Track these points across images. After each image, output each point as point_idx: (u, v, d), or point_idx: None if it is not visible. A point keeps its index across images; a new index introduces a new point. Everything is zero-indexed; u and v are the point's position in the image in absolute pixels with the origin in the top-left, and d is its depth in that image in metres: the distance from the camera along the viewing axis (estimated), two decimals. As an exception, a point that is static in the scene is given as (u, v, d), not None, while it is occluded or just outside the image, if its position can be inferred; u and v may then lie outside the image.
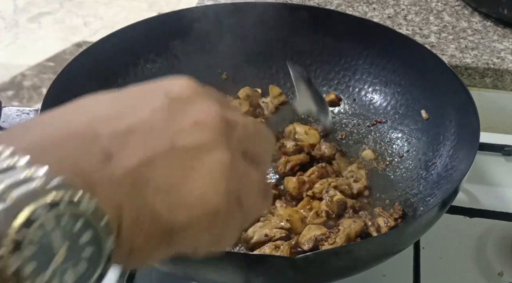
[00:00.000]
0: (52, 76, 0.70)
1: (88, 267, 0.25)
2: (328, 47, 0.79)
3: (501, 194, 0.74)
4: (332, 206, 0.64)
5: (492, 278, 0.63)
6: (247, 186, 0.32)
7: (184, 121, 0.30)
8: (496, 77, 0.86)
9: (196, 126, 0.30)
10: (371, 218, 0.64)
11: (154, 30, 0.76)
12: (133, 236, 0.28)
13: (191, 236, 0.30)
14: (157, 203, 0.28)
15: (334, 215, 0.64)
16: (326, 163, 0.70)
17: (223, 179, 0.30)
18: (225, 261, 0.48)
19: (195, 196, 0.29)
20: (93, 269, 0.25)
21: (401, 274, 0.63)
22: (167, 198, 0.28)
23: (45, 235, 0.23)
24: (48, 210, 0.23)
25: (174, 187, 0.29)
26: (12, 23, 2.74)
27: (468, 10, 0.98)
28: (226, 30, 0.78)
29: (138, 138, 0.28)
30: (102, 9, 2.86)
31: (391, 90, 0.76)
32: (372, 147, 0.74)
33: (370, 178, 0.70)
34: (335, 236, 0.60)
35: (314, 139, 0.74)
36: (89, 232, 0.25)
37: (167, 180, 0.28)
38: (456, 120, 0.67)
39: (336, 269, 0.52)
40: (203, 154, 0.30)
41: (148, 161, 0.28)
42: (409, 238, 0.55)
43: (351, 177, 0.69)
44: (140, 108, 0.30)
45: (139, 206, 0.28)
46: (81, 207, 0.24)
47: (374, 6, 0.99)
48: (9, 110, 0.62)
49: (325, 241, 0.60)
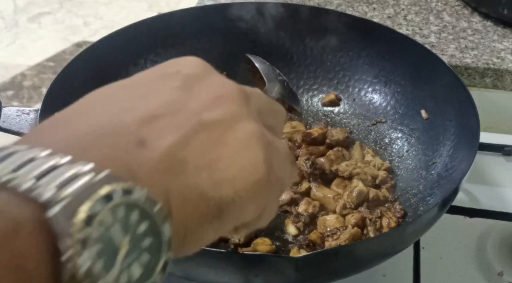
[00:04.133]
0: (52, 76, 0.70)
1: (151, 258, 0.25)
2: (328, 47, 0.79)
3: (501, 194, 0.74)
4: (352, 197, 0.65)
5: (492, 278, 0.63)
6: (276, 153, 0.32)
7: (204, 96, 0.30)
8: (496, 77, 0.86)
9: (218, 100, 0.30)
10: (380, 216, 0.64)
11: (154, 30, 0.76)
12: (185, 217, 0.27)
13: (238, 209, 0.29)
14: (200, 180, 0.28)
15: (353, 205, 0.65)
16: (342, 148, 0.72)
17: (258, 148, 0.30)
18: (225, 261, 0.48)
19: (236, 168, 0.29)
20: (156, 260, 0.25)
21: (401, 274, 0.63)
22: (209, 174, 0.28)
23: (107, 230, 0.23)
24: (105, 204, 0.23)
25: (213, 163, 0.28)
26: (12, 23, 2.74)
27: (468, 10, 0.98)
28: (226, 30, 0.78)
29: (164, 121, 0.28)
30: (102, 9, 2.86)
31: (391, 90, 0.76)
32: (372, 147, 0.74)
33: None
34: (341, 233, 0.60)
35: (301, 127, 0.76)
36: (146, 222, 0.24)
37: (204, 156, 0.28)
38: (456, 120, 0.67)
39: (336, 269, 0.52)
40: (232, 126, 0.30)
41: (181, 141, 0.28)
42: (409, 238, 0.55)
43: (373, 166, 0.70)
44: (157, 91, 0.30)
45: (184, 186, 0.27)
46: (133, 197, 0.24)
47: (374, 6, 0.99)
48: (9, 110, 0.62)
49: (330, 237, 0.60)
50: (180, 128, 0.28)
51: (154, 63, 0.77)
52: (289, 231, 0.64)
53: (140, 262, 0.24)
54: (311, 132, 0.74)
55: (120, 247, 0.23)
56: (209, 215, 0.28)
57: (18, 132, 0.61)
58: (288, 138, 0.74)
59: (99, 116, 0.28)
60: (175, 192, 0.27)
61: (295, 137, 0.74)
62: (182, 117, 0.29)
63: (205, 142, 0.28)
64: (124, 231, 0.24)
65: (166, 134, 0.28)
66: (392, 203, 0.66)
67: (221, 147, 0.29)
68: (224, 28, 0.78)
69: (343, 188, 0.67)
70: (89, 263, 0.22)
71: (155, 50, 0.77)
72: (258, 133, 0.30)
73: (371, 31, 0.77)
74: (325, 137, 0.74)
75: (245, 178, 0.29)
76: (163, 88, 0.30)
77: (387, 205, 0.66)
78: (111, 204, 0.23)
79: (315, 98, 0.80)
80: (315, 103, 0.80)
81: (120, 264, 0.23)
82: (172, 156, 0.27)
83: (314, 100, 0.80)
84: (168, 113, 0.28)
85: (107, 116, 0.28)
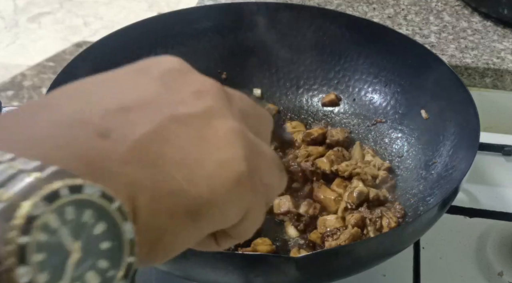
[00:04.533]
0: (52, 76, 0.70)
1: (110, 264, 0.22)
2: (328, 47, 0.79)
3: (501, 194, 0.74)
4: (352, 197, 0.65)
5: (492, 278, 0.63)
6: (262, 156, 0.29)
7: (182, 91, 0.28)
8: (496, 77, 0.86)
9: (196, 95, 0.28)
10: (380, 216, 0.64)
11: (154, 30, 0.76)
12: (154, 217, 0.24)
13: (215, 211, 0.27)
14: (173, 176, 0.25)
15: (354, 206, 0.65)
16: (342, 148, 0.72)
17: (238, 145, 0.27)
18: (225, 261, 0.48)
19: (213, 164, 0.26)
20: (116, 267, 0.22)
21: (401, 274, 0.63)
22: (184, 169, 0.26)
23: (52, 235, 0.20)
24: (48, 204, 0.20)
25: (189, 158, 0.26)
26: (12, 23, 2.74)
27: (468, 10, 0.98)
28: (226, 30, 0.78)
29: (135, 113, 0.26)
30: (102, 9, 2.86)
31: (391, 90, 0.76)
32: (372, 147, 0.74)
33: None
34: (341, 233, 0.60)
35: (301, 127, 0.77)
36: (102, 223, 0.22)
37: (180, 151, 0.26)
38: (456, 120, 0.67)
39: (336, 269, 0.52)
40: (210, 122, 0.27)
41: (152, 133, 0.25)
42: (409, 238, 0.55)
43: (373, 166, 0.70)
44: (132, 85, 0.28)
45: (153, 181, 0.24)
46: (84, 193, 0.21)
47: (374, 6, 0.99)
48: (9, 110, 0.62)
49: (330, 237, 0.60)
50: (152, 121, 0.26)
51: (154, 63, 0.77)
52: (289, 234, 0.64)
53: (96, 269, 0.21)
54: (311, 132, 0.74)
55: (70, 254, 0.21)
56: (183, 216, 0.25)
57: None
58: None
59: (62, 109, 0.25)
60: (142, 187, 0.24)
61: (295, 137, 0.74)
62: (156, 110, 0.26)
63: (179, 136, 0.26)
64: (74, 235, 0.21)
65: (135, 126, 0.25)
66: (392, 203, 0.66)
67: (196, 142, 0.27)
68: (224, 28, 0.78)
69: (343, 188, 0.67)
70: (29, 276, 0.19)
71: (155, 50, 0.77)
72: (239, 131, 0.28)
73: (371, 31, 0.77)
74: (325, 137, 0.74)
75: (222, 176, 0.27)
76: (139, 81, 0.28)
77: (387, 205, 0.66)
78: (56, 204, 0.20)
79: (315, 98, 0.80)
80: (315, 103, 0.80)
81: (71, 274, 0.20)
82: (140, 149, 0.25)
83: (314, 100, 0.80)
84: (140, 106, 0.26)
85: (71, 109, 0.25)
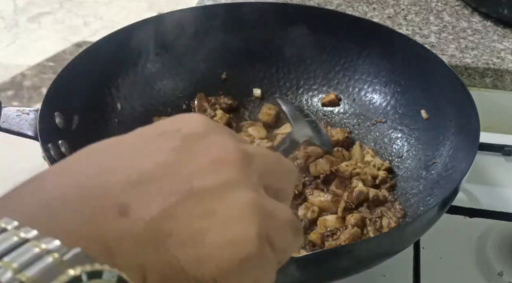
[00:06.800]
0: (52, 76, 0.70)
1: None
2: (328, 47, 0.79)
3: (501, 194, 0.74)
4: (352, 197, 0.65)
5: (492, 278, 0.63)
6: (277, 225, 0.29)
7: (200, 159, 0.28)
8: (496, 77, 0.86)
9: (214, 164, 0.28)
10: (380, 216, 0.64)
11: (154, 30, 0.76)
12: None
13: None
14: (182, 255, 0.25)
15: (353, 205, 0.65)
16: (342, 148, 0.72)
17: (251, 220, 0.27)
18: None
19: (223, 243, 0.26)
20: None
21: (401, 274, 0.63)
22: (193, 249, 0.26)
23: None
24: None
25: (199, 236, 0.26)
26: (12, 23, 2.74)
27: (468, 10, 0.98)
28: (226, 30, 0.78)
29: (154, 185, 0.26)
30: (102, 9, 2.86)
31: (391, 90, 0.76)
32: (372, 147, 0.74)
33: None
34: (341, 233, 0.60)
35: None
36: None
37: (190, 228, 0.26)
38: (456, 120, 0.67)
39: (336, 269, 0.52)
40: (225, 194, 0.27)
41: (169, 210, 0.26)
42: (409, 238, 0.55)
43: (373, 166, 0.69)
44: (151, 151, 0.28)
45: (163, 261, 0.25)
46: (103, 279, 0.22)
47: (374, 6, 0.99)
48: (9, 110, 0.62)
49: (330, 237, 0.60)
50: (168, 196, 0.26)
51: (154, 63, 0.77)
52: None
53: None
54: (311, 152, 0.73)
55: None
56: None
57: (18, 132, 0.61)
58: None
59: (82, 175, 0.26)
60: (153, 267, 0.25)
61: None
62: (172, 183, 0.26)
63: (193, 212, 0.26)
64: None
65: (153, 201, 0.26)
66: (392, 203, 0.66)
67: (209, 218, 0.26)
68: (224, 28, 0.78)
69: (343, 188, 0.67)
70: None
71: (155, 50, 0.77)
72: (254, 204, 0.27)
73: (371, 31, 0.77)
74: None
75: (232, 255, 0.26)
76: (159, 147, 0.28)
77: (387, 205, 0.66)
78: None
79: (315, 98, 0.80)
80: (315, 103, 0.80)
81: None
82: (156, 229, 0.25)
83: (314, 100, 0.80)
84: (159, 177, 0.26)
85: (91, 176, 0.26)
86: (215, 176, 0.27)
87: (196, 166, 0.27)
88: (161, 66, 0.77)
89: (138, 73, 0.75)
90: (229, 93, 0.79)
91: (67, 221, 0.24)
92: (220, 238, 0.26)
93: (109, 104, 0.72)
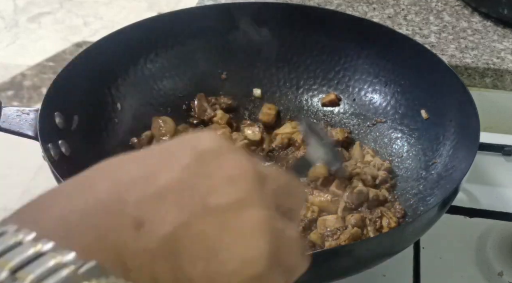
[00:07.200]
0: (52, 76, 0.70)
1: None
2: (328, 47, 0.79)
3: (501, 194, 0.74)
4: (352, 197, 0.65)
5: (492, 278, 0.63)
6: (286, 244, 0.29)
7: (215, 176, 0.28)
8: (496, 77, 0.86)
9: (228, 182, 0.28)
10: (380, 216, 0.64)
11: (154, 30, 0.76)
12: None
13: None
14: (194, 271, 0.26)
15: (353, 206, 0.65)
16: (342, 148, 0.72)
17: (263, 239, 0.27)
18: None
19: (234, 261, 0.27)
20: None
21: (401, 274, 0.63)
22: (204, 265, 0.26)
23: None
24: None
25: (211, 252, 0.26)
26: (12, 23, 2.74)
27: (468, 10, 0.98)
28: (226, 30, 0.78)
29: (170, 201, 0.26)
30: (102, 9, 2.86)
31: (391, 90, 0.76)
32: (372, 147, 0.74)
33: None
34: (341, 233, 0.60)
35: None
36: None
37: (203, 245, 0.26)
38: (456, 120, 0.67)
39: (336, 269, 0.52)
40: (239, 212, 0.27)
41: (181, 227, 0.26)
42: (409, 238, 0.55)
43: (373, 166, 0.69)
44: (168, 167, 0.28)
45: (176, 277, 0.26)
46: None
47: (374, 6, 0.99)
48: (9, 110, 0.62)
49: (330, 237, 0.60)
50: (183, 212, 0.26)
51: (154, 63, 0.77)
52: None
53: None
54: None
55: None
56: None
57: (18, 132, 0.61)
58: (288, 138, 0.74)
59: (98, 190, 0.26)
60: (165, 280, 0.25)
61: (295, 137, 0.74)
62: (188, 199, 0.27)
63: (206, 229, 0.27)
64: None
65: (167, 218, 0.26)
66: (392, 203, 0.66)
67: (222, 235, 0.27)
68: (224, 28, 0.78)
69: (343, 188, 0.67)
70: None
71: (155, 50, 0.77)
72: (267, 222, 0.28)
73: (371, 31, 0.77)
74: None
75: (243, 273, 0.27)
76: (174, 164, 0.28)
77: (387, 205, 0.66)
78: None
79: (315, 98, 0.80)
80: (315, 103, 0.80)
81: None
82: (170, 244, 0.26)
83: (314, 100, 0.80)
84: (174, 192, 0.27)
85: (105, 192, 0.26)
86: (230, 193, 0.28)
87: (211, 183, 0.28)
88: (161, 66, 0.77)
89: (138, 73, 0.75)
90: (229, 93, 0.79)
91: (83, 235, 0.24)
92: (233, 255, 0.27)
93: (109, 104, 0.71)
